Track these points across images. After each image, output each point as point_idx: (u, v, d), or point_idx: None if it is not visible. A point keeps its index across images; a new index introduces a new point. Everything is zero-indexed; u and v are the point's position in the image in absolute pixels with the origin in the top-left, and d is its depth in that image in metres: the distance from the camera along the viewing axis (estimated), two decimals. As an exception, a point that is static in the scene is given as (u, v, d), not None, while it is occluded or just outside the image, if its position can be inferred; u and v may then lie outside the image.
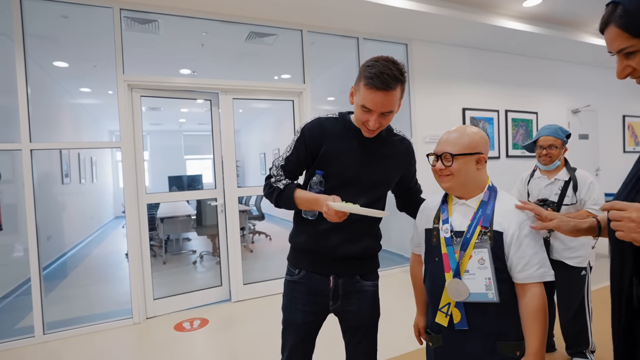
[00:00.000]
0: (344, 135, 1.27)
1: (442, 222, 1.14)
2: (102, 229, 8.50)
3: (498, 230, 1.06)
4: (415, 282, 1.35)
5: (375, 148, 1.29)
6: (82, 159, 6.92)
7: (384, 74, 1.10)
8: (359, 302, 1.32)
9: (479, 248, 1.05)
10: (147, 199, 3.25)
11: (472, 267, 1.05)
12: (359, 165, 1.26)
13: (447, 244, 1.10)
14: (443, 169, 1.12)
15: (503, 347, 1.06)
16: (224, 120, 3.50)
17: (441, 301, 1.10)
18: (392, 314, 3.06)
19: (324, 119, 1.31)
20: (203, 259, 5.10)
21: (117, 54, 3.05)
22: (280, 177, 1.30)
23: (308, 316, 1.31)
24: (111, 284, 4.41)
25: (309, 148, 1.27)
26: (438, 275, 1.11)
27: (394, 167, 1.34)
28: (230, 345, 2.66)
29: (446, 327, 1.09)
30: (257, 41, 3.92)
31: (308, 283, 1.30)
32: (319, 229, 1.26)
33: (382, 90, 1.12)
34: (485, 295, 1.04)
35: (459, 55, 4.59)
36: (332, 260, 1.28)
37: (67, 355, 2.60)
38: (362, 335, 1.34)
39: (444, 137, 1.14)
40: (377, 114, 1.16)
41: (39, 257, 2.83)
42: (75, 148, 6.40)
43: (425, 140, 4.32)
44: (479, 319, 1.06)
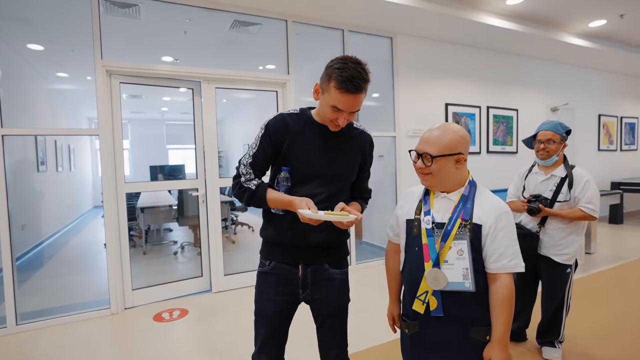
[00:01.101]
0: (306, 131, 1.31)
1: (424, 213, 1.18)
2: (81, 218, 8.29)
3: (477, 223, 1.12)
4: (389, 270, 1.37)
5: (336, 142, 1.33)
6: (59, 146, 6.70)
7: (356, 78, 1.16)
8: (328, 290, 1.36)
9: (458, 239, 1.11)
10: (126, 188, 3.19)
11: (451, 257, 1.11)
12: (321, 159, 1.30)
13: (428, 235, 1.14)
14: (423, 168, 1.16)
15: (475, 332, 1.13)
16: (206, 110, 3.45)
17: (419, 289, 1.14)
18: (372, 305, 3.11)
19: (287, 114, 1.34)
20: (184, 249, 5.06)
21: (95, 38, 2.96)
22: (250, 177, 1.32)
23: (279, 305, 1.34)
24: (89, 274, 4.33)
25: (274, 143, 1.31)
26: (417, 265, 1.15)
27: (354, 159, 1.38)
28: (210, 335, 2.66)
29: (422, 314, 1.14)
30: (241, 30, 3.85)
31: (278, 273, 1.34)
32: (286, 221, 1.30)
33: (354, 94, 1.18)
34: (462, 284, 1.10)
35: (443, 50, 4.63)
36: (300, 250, 1.32)
37: (41, 346, 2.56)
38: (332, 321, 1.39)
39: (426, 136, 1.17)
40: (346, 113, 1.23)
41: (11, 247, 2.75)
42: (50, 135, 6.19)
43: (409, 134, 4.36)
44: (454, 306, 1.12)
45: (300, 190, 1.29)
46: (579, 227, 2.09)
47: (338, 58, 1.22)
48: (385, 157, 4.62)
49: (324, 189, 1.30)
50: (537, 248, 2.13)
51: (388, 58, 4.36)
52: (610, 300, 3.04)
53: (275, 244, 1.35)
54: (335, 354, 1.40)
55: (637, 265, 4.00)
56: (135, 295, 3.19)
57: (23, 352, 2.48)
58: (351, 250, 4.13)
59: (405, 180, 4.32)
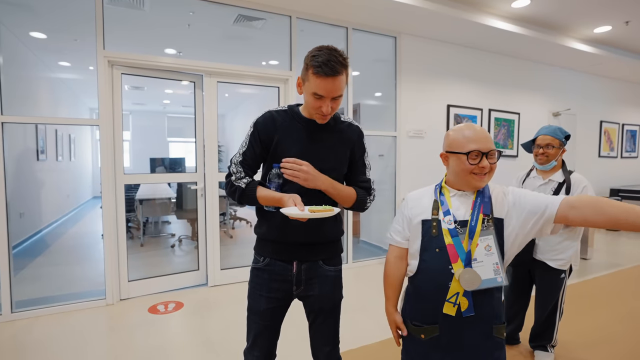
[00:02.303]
0: (293, 127, 1.33)
1: (443, 213, 1.15)
2: (79, 208, 8.30)
3: (498, 217, 1.12)
4: (391, 278, 1.27)
5: (323, 136, 1.33)
6: (59, 135, 6.70)
7: (331, 61, 1.17)
8: (321, 287, 1.36)
9: (484, 235, 1.09)
10: (125, 180, 3.19)
11: (480, 254, 1.09)
12: (309, 154, 1.30)
13: (452, 235, 1.11)
14: (487, 166, 1.12)
15: (496, 330, 1.12)
16: (208, 104, 3.44)
17: (450, 291, 1.09)
18: (368, 303, 3.12)
19: (274, 111, 1.36)
20: (182, 242, 5.06)
21: (98, 28, 2.95)
22: (240, 175, 1.34)
23: (271, 302, 1.35)
24: (86, 264, 4.33)
25: (263, 141, 1.33)
26: (441, 267, 1.11)
27: (343, 152, 1.36)
28: (204, 328, 2.67)
29: (451, 316, 1.10)
30: (245, 24, 3.84)
31: (271, 270, 1.35)
32: (278, 218, 1.28)
33: (331, 77, 1.18)
34: (495, 280, 1.08)
35: (447, 51, 4.62)
36: (293, 247, 1.32)
37: (36, 334, 2.56)
38: (324, 317, 1.39)
39: (482, 135, 1.13)
40: (328, 100, 1.23)
41: (8, 234, 2.75)
42: (50, 123, 6.17)
43: (409, 134, 4.36)
44: (483, 304, 1.10)
45: (291, 186, 1.29)
46: (575, 233, 2.09)
47: (314, 48, 1.25)
48: (385, 157, 4.62)
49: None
50: (533, 252, 2.14)
51: (391, 57, 4.35)
52: (604, 306, 3.05)
53: (268, 240, 1.36)
54: (327, 351, 1.41)
55: (632, 272, 4.01)
56: (131, 286, 3.20)
57: (18, 339, 2.49)
58: (348, 249, 4.14)
59: (405, 180, 4.32)
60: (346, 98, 4.08)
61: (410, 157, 4.34)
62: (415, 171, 4.34)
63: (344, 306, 1.47)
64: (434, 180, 1.31)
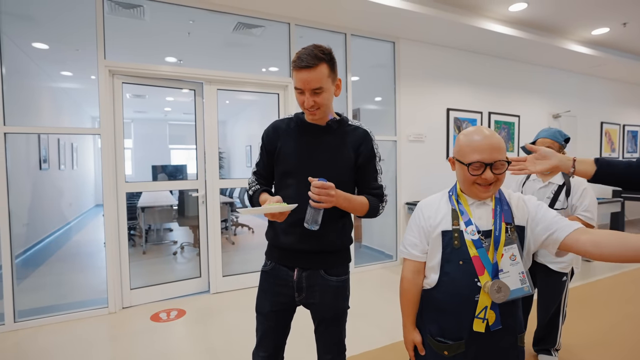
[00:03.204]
0: (295, 132, 1.36)
1: (465, 224, 1.09)
2: (82, 216, 8.33)
3: (519, 225, 1.09)
4: (410, 294, 1.20)
5: (327, 139, 1.34)
6: (62, 144, 6.74)
7: (305, 54, 1.22)
8: (322, 296, 1.35)
9: (508, 245, 1.05)
10: (127, 188, 3.20)
11: (505, 264, 1.04)
12: (310, 158, 1.32)
13: (477, 246, 1.06)
14: (492, 177, 1.04)
15: (520, 339, 1.10)
16: (208, 111, 3.46)
17: (478, 306, 1.04)
18: (369, 309, 3.11)
19: (279, 121, 1.43)
20: (184, 250, 5.07)
21: (99, 38, 2.98)
22: (253, 184, 1.43)
23: (275, 305, 1.38)
24: (88, 272, 4.34)
25: (269, 151, 1.40)
26: (466, 280, 1.05)
27: (346, 156, 1.33)
28: (207, 336, 2.66)
29: (475, 332, 1.05)
30: (244, 32, 3.88)
31: (276, 274, 1.38)
32: (283, 225, 1.32)
33: (305, 69, 1.22)
34: (522, 290, 1.04)
35: (445, 55, 4.64)
36: (295, 254, 1.33)
37: (39, 343, 2.56)
38: (326, 326, 1.39)
39: (486, 143, 1.04)
40: (308, 93, 1.25)
41: (11, 244, 2.76)
42: (53, 133, 6.22)
43: (410, 139, 4.37)
44: (509, 316, 1.07)
45: (294, 191, 1.31)
46: None
47: None
48: (385, 161, 4.62)
49: None
50: (534, 255, 2.13)
51: (390, 62, 4.37)
52: (607, 309, 3.03)
53: (274, 246, 1.39)
54: (329, 359, 1.41)
55: (635, 274, 3.98)
56: (133, 294, 3.20)
57: (20, 349, 2.49)
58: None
59: (406, 184, 4.32)
60: (345, 103, 4.09)
61: (411, 161, 4.34)
62: (416, 175, 4.34)
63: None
64: (434, 185, 1.31)
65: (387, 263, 4.39)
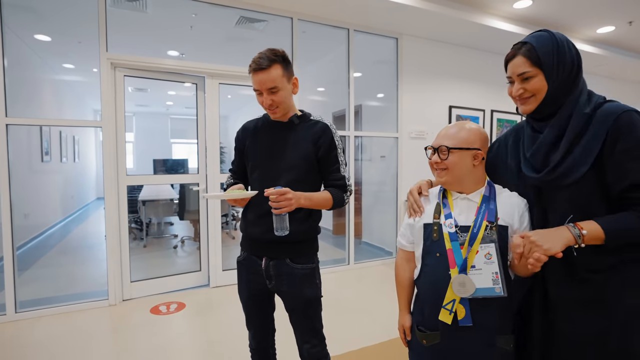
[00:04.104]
0: (260, 130, 1.48)
1: (445, 217, 1.12)
2: (83, 209, 8.36)
3: (502, 224, 1.08)
4: (400, 280, 1.27)
5: (287, 135, 1.43)
6: (63, 137, 6.75)
7: (259, 57, 1.32)
8: (289, 284, 1.41)
9: (485, 243, 1.05)
10: (128, 181, 3.21)
11: (479, 262, 1.05)
12: (272, 153, 1.42)
13: (452, 239, 1.08)
14: (439, 162, 1.12)
15: (501, 340, 1.07)
16: (210, 105, 3.46)
17: (445, 298, 1.07)
18: (369, 305, 3.12)
19: (248, 121, 1.55)
20: (184, 243, 5.08)
21: (101, 30, 2.97)
22: (229, 180, 1.58)
23: (251, 291, 1.49)
24: (89, 264, 4.36)
25: (239, 150, 1.54)
26: (440, 272, 1.08)
27: (305, 150, 1.40)
28: (206, 329, 2.68)
29: (446, 324, 1.07)
30: (247, 26, 3.86)
31: (247, 264, 1.48)
32: (251, 217, 1.43)
33: (258, 71, 1.32)
34: (492, 290, 1.03)
35: (448, 52, 4.62)
36: (262, 244, 1.42)
37: (39, 334, 2.58)
38: (297, 315, 1.44)
39: (443, 132, 1.16)
40: (265, 92, 1.34)
41: (12, 235, 2.78)
42: (54, 125, 6.24)
43: (411, 135, 4.35)
44: (482, 314, 1.06)
45: (259, 185, 1.40)
46: None
47: None
48: (387, 158, 4.61)
49: (278, 181, 1.36)
50: None
51: (393, 59, 4.35)
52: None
53: (245, 237, 1.50)
54: (308, 348, 1.45)
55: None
56: (133, 287, 3.22)
57: (21, 339, 2.51)
58: (350, 250, 4.13)
59: (407, 181, 4.31)
60: (348, 99, 4.08)
61: (412, 158, 4.33)
62: (417, 172, 4.33)
63: (344, 307, 1.48)
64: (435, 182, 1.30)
65: (387, 259, 4.40)
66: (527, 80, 1.02)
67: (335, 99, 5.30)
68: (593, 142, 0.95)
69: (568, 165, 0.98)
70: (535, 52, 1.00)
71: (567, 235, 0.93)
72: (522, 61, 1.03)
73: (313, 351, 1.45)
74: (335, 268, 4.07)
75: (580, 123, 0.98)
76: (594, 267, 0.98)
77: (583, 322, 1.00)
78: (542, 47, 1.00)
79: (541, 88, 1.01)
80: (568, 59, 1.00)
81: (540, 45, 1.00)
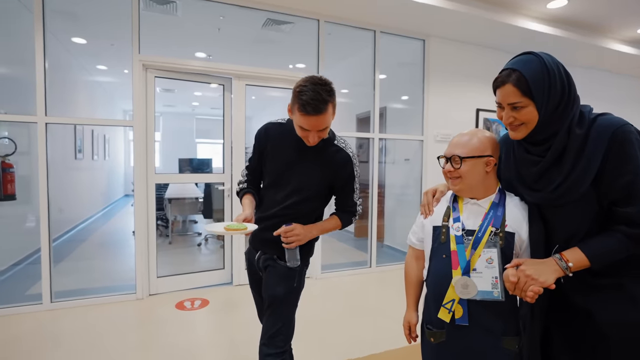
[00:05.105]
0: (284, 141, 1.45)
1: (453, 220, 1.16)
2: (112, 205, 8.66)
3: (509, 231, 1.09)
4: (409, 277, 1.34)
5: (310, 156, 1.43)
6: (95, 135, 7.03)
7: (315, 100, 1.24)
8: (269, 276, 1.49)
9: (488, 248, 1.08)
10: (156, 179, 3.30)
11: (480, 265, 1.08)
12: (290, 169, 1.44)
13: (457, 242, 1.12)
14: (452, 171, 1.14)
15: (506, 342, 1.10)
16: (236, 106, 3.51)
17: (446, 297, 1.11)
18: (391, 308, 3.08)
19: (271, 124, 1.52)
20: (208, 242, 5.18)
21: (134, 33, 3.08)
22: (243, 179, 1.58)
23: (252, 279, 1.62)
24: (117, 259, 4.52)
25: (258, 151, 1.52)
26: (444, 272, 1.13)
27: (325, 176, 1.44)
28: (229, 326, 2.72)
29: (449, 323, 1.12)
30: (273, 28, 3.90)
31: (249, 256, 1.60)
32: (256, 216, 1.50)
33: (314, 115, 1.26)
34: (491, 294, 1.07)
35: (477, 54, 4.51)
36: (259, 240, 1.52)
37: (72, 323, 2.70)
38: (271, 311, 1.46)
39: (455, 140, 1.16)
40: (314, 132, 1.32)
41: (49, 228, 2.91)
42: (89, 124, 6.52)
43: (437, 139, 4.28)
44: (482, 315, 1.09)
45: (268, 194, 1.49)
46: None
47: (302, 80, 1.31)
48: (411, 161, 4.55)
49: (289, 197, 1.43)
50: None
51: (419, 60, 4.29)
52: None
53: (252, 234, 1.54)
54: (262, 343, 1.44)
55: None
56: (159, 282, 3.31)
57: (56, 327, 2.63)
58: (372, 253, 4.10)
59: (432, 184, 4.23)
60: (373, 102, 4.06)
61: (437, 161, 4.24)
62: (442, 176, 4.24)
63: (366, 309, 1.48)
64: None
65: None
66: (517, 110, 1.01)
67: (359, 100, 5.28)
68: (592, 161, 0.96)
69: (569, 185, 0.99)
70: (526, 81, 0.98)
71: (556, 268, 0.99)
72: (511, 90, 1.00)
73: (264, 349, 1.43)
74: (357, 270, 4.04)
75: (577, 144, 0.99)
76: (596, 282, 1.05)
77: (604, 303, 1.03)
78: (532, 76, 0.98)
79: (532, 118, 1.00)
80: (559, 86, 0.98)
81: (530, 73, 0.98)
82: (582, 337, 1.07)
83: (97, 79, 6.89)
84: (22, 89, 3.75)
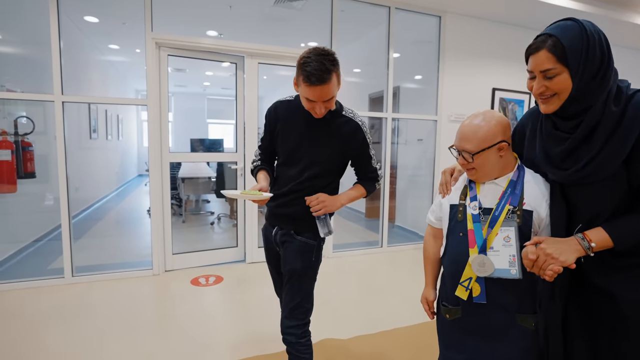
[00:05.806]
0: (293, 118, 1.47)
1: (470, 199, 1.16)
2: (126, 185, 8.83)
3: (527, 209, 1.08)
4: (427, 255, 1.35)
5: (320, 129, 1.44)
6: (109, 115, 7.09)
7: (319, 70, 1.26)
8: (287, 251, 1.51)
9: (506, 226, 1.08)
10: (170, 158, 3.34)
11: (497, 244, 1.08)
12: (302, 144, 1.45)
13: (474, 221, 1.12)
14: (466, 164, 1.14)
15: (521, 319, 1.11)
16: (249, 85, 3.49)
17: (463, 275, 1.12)
18: (401, 288, 3.12)
19: (279, 102, 1.53)
20: (220, 220, 5.27)
21: (147, 10, 3.05)
22: (257, 157, 1.61)
23: (269, 255, 1.66)
24: (133, 237, 4.64)
25: (269, 129, 1.55)
26: (461, 251, 1.13)
27: (336, 146, 1.46)
28: (243, 302, 2.80)
29: (465, 301, 1.13)
30: (286, 5, 3.82)
31: (266, 232, 1.62)
32: (272, 191, 1.52)
33: (319, 85, 1.27)
34: (508, 272, 1.07)
35: (494, 31, 4.36)
36: (275, 216, 1.55)
37: (93, 297, 2.80)
38: (290, 285, 1.50)
39: (462, 132, 1.13)
40: (320, 103, 1.33)
41: (68, 206, 2.99)
42: (104, 103, 6.57)
43: (451, 118, 4.21)
44: (499, 293, 1.10)
45: (282, 171, 1.51)
46: None
47: (305, 51, 1.32)
48: (424, 141, 4.50)
49: (303, 172, 1.45)
50: None
51: (434, 38, 4.17)
52: None
53: (267, 209, 1.61)
54: (284, 316, 1.50)
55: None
56: (175, 259, 3.40)
57: (78, 300, 2.74)
58: (383, 233, 4.12)
59: (445, 165, 4.20)
60: (387, 81, 3.98)
61: (452, 141, 4.18)
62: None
63: (377, 288, 1.51)
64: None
65: (420, 244, 4.34)
66: (551, 79, 0.94)
67: (371, 80, 5.19)
68: (626, 140, 0.90)
69: (597, 164, 0.94)
70: (562, 47, 0.91)
71: (578, 247, 0.95)
72: (546, 56, 0.93)
73: (285, 322, 1.49)
74: (368, 250, 4.08)
75: (612, 123, 0.92)
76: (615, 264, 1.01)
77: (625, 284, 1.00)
78: (569, 42, 0.90)
79: (565, 87, 0.93)
80: (598, 56, 0.91)
81: (568, 39, 0.91)
82: (600, 318, 1.04)
83: (110, 58, 6.90)
84: (36, 68, 3.79)
